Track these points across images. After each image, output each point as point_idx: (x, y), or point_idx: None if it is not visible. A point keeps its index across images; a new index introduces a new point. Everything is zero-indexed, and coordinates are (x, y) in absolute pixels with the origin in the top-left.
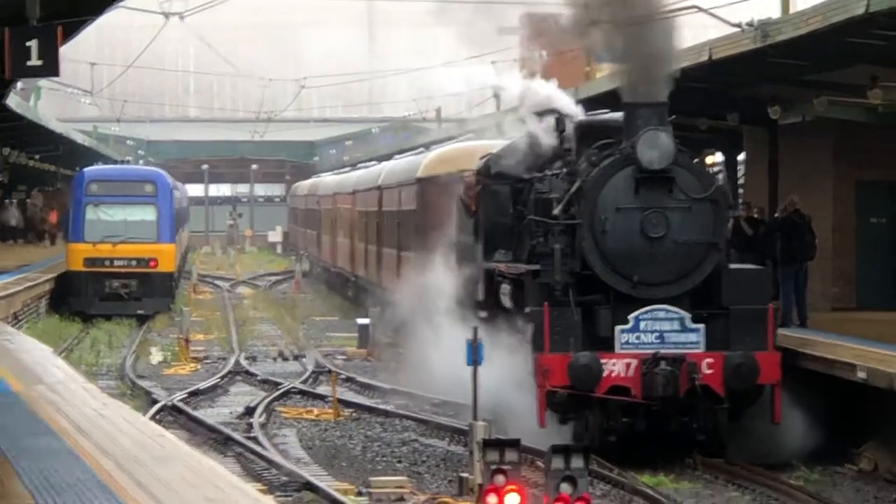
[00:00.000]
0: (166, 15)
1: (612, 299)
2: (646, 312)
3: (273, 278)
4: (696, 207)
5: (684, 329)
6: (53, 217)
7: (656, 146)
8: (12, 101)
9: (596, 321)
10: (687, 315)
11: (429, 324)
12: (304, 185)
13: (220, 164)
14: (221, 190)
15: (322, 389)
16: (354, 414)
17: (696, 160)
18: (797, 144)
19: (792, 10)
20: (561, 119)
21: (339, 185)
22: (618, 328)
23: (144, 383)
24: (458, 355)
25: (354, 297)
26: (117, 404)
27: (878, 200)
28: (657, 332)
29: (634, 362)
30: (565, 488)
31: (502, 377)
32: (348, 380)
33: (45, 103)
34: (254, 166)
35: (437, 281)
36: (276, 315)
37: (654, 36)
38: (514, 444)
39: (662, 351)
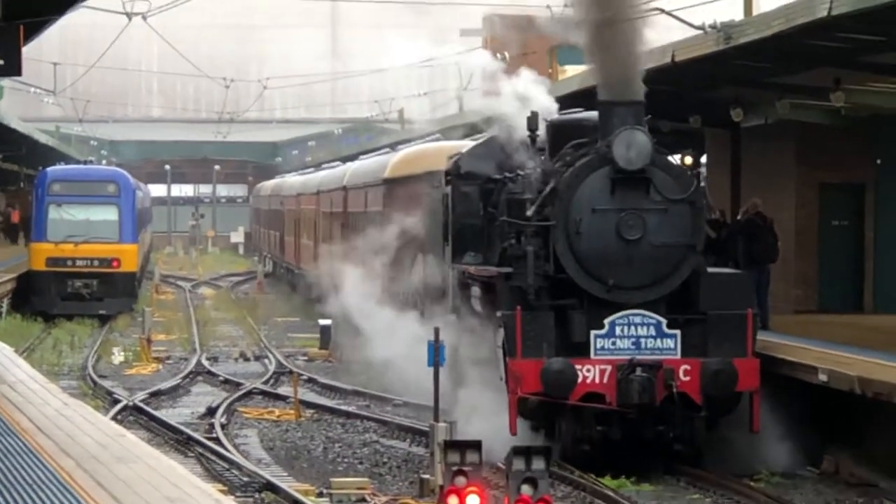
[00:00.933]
0: (129, 15)
1: (586, 303)
2: (621, 317)
3: (235, 279)
4: (674, 209)
5: (660, 335)
6: (16, 217)
7: (633, 146)
8: None
9: (570, 326)
10: (663, 320)
11: (393, 327)
12: (267, 186)
13: (182, 164)
14: (184, 190)
15: (283, 390)
16: (316, 415)
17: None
18: (759, 147)
19: (755, 12)
20: (534, 118)
21: (302, 186)
22: (593, 333)
23: (106, 383)
24: (422, 356)
25: (318, 299)
26: (78, 404)
27: (841, 203)
28: (633, 338)
29: (609, 369)
30: (526, 490)
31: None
32: (310, 380)
33: (7, 103)
34: (216, 167)
35: (405, 284)
36: (237, 316)
37: (629, 34)
38: (476, 445)
39: (638, 357)
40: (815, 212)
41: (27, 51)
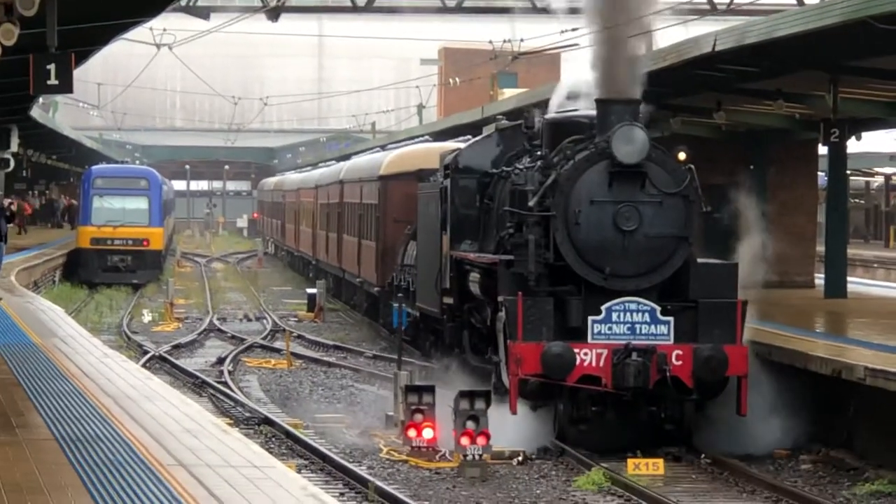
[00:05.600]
0: (158, 46)
1: (583, 290)
2: (618, 304)
3: (240, 256)
4: (668, 202)
5: (655, 321)
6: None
7: (631, 141)
8: (35, 112)
9: (567, 311)
10: (657, 307)
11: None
12: (270, 182)
13: (199, 164)
14: (200, 185)
15: (278, 344)
16: (303, 364)
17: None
18: None
19: (654, 48)
20: (530, 116)
21: (302, 182)
22: (590, 318)
23: (137, 338)
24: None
25: (315, 277)
26: (115, 354)
27: (721, 200)
28: (629, 324)
29: (605, 352)
30: (470, 425)
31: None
32: (299, 337)
33: (61, 115)
34: (226, 167)
35: (403, 265)
36: (242, 285)
37: (628, 37)
38: (430, 389)
39: (634, 342)
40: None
41: (77, 73)
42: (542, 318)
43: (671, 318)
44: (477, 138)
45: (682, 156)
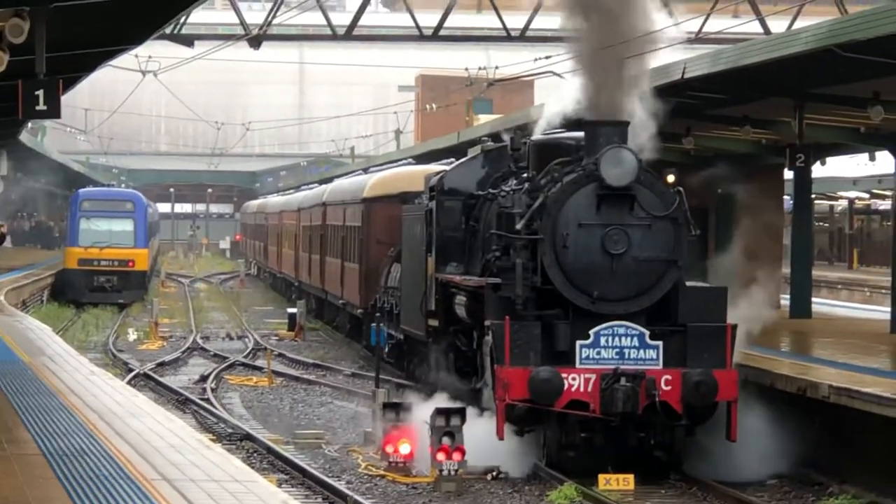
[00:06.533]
0: (143, 72)
1: (571, 314)
2: (606, 328)
3: (223, 276)
4: (657, 225)
5: (643, 345)
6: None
7: (620, 163)
8: (24, 137)
9: (555, 336)
10: (646, 331)
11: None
12: (252, 204)
13: (183, 187)
14: (184, 208)
15: (260, 362)
16: (284, 381)
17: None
18: None
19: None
20: (516, 137)
21: (285, 204)
22: (578, 343)
23: (123, 356)
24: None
25: (298, 298)
26: (101, 372)
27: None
28: (617, 348)
29: (594, 377)
30: (446, 441)
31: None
32: (280, 355)
33: (49, 139)
34: (209, 190)
35: (386, 287)
36: (224, 305)
37: (617, 58)
38: (407, 407)
39: (622, 367)
40: None
41: (65, 99)
42: (529, 342)
43: (660, 343)
44: (462, 160)
45: (670, 178)
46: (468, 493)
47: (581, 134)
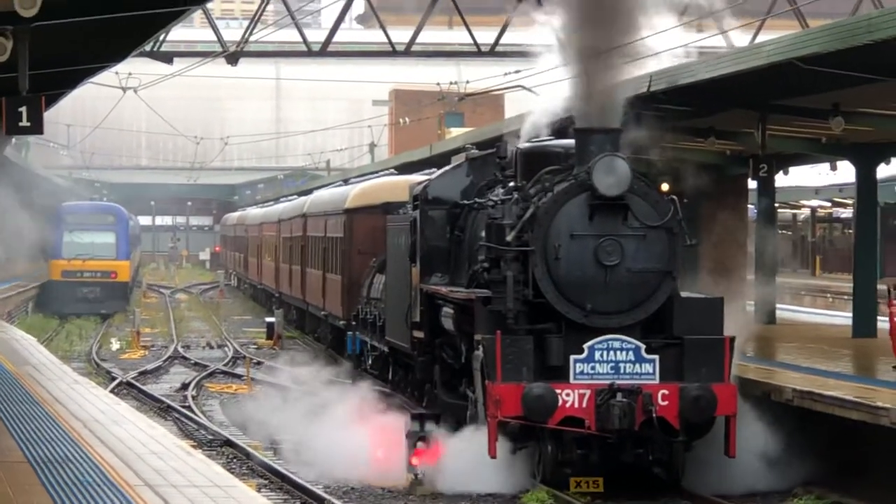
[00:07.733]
0: (124, 89)
1: (563, 328)
2: (601, 342)
3: (203, 287)
4: (651, 235)
5: (639, 359)
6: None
7: (613, 172)
8: (8, 152)
9: (547, 350)
10: (642, 345)
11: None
12: (233, 216)
13: (163, 200)
14: (165, 220)
15: (239, 370)
16: (263, 389)
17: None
18: None
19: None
20: (503, 145)
21: (265, 216)
22: (572, 358)
23: (106, 365)
24: None
25: (277, 308)
26: (85, 380)
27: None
28: (612, 363)
29: (588, 393)
30: (421, 445)
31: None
32: (258, 363)
33: (32, 154)
34: (189, 203)
35: (369, 298)
36: (205, 315)
37: (609, 63)
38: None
39: (618, 382)
40: None
41: (47, 115)
42: (521, 357)
43: (656, 357)
44: (446, 168)
45: (665, 187)
46: (443, 497)
47: (569, 141)
